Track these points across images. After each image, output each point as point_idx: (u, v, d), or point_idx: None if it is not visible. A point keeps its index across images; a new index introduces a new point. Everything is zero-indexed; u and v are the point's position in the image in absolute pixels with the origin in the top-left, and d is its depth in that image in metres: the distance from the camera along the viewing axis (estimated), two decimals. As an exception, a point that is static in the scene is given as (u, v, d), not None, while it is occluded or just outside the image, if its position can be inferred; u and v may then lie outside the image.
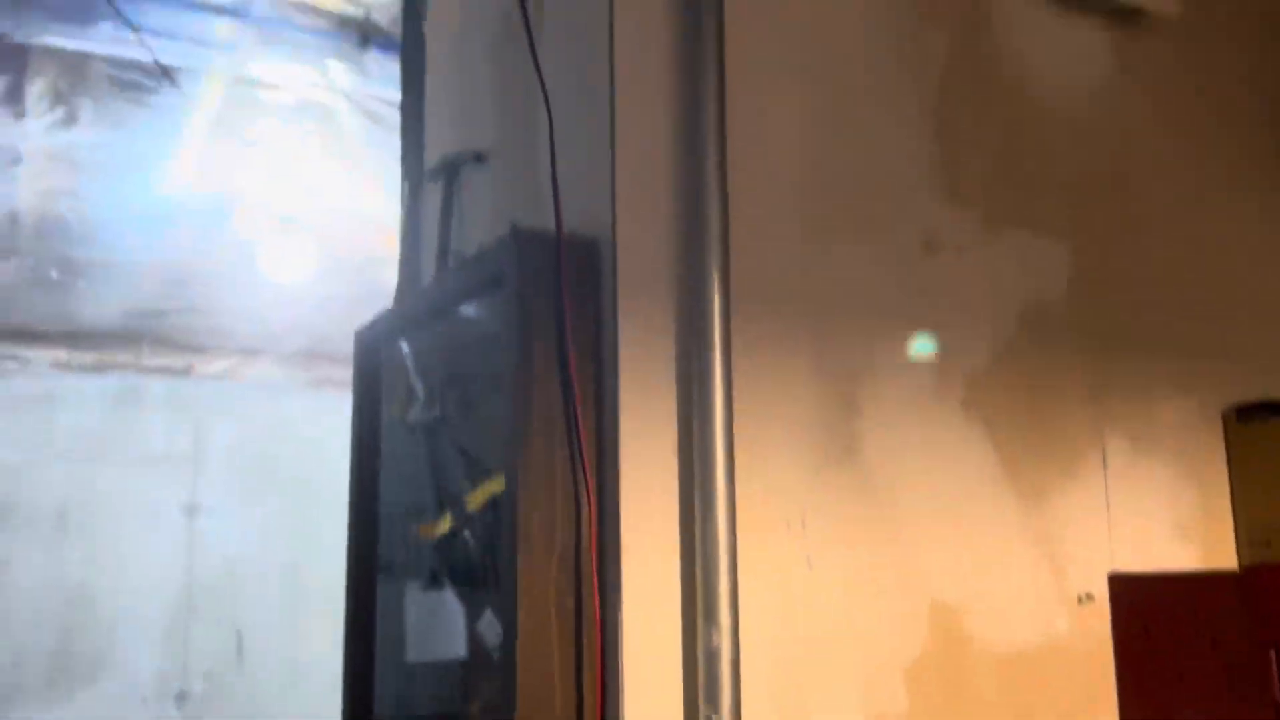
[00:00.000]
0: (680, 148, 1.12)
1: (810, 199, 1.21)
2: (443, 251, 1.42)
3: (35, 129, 2.89)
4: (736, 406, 1.07)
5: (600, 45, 1.13)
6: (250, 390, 5.01)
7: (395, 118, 2.95)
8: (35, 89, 2.68)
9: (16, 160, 3.14)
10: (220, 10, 2.42)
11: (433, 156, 1.55)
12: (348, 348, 1.45)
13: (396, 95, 2.78)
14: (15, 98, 2.68)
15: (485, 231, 1.36)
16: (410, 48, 1.65)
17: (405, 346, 1.35)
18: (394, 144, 3.16)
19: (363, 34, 2.56)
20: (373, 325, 1.43)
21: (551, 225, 1.10)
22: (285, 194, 3.69)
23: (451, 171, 1.44)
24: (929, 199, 1.29)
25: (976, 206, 1.33)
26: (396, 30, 2.46)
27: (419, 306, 1.30)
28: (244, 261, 4.06)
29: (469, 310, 1.20)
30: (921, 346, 1.24)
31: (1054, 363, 1.37)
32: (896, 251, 1.26)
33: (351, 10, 2.42)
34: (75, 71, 2.65)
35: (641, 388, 1.07)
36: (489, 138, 1.38)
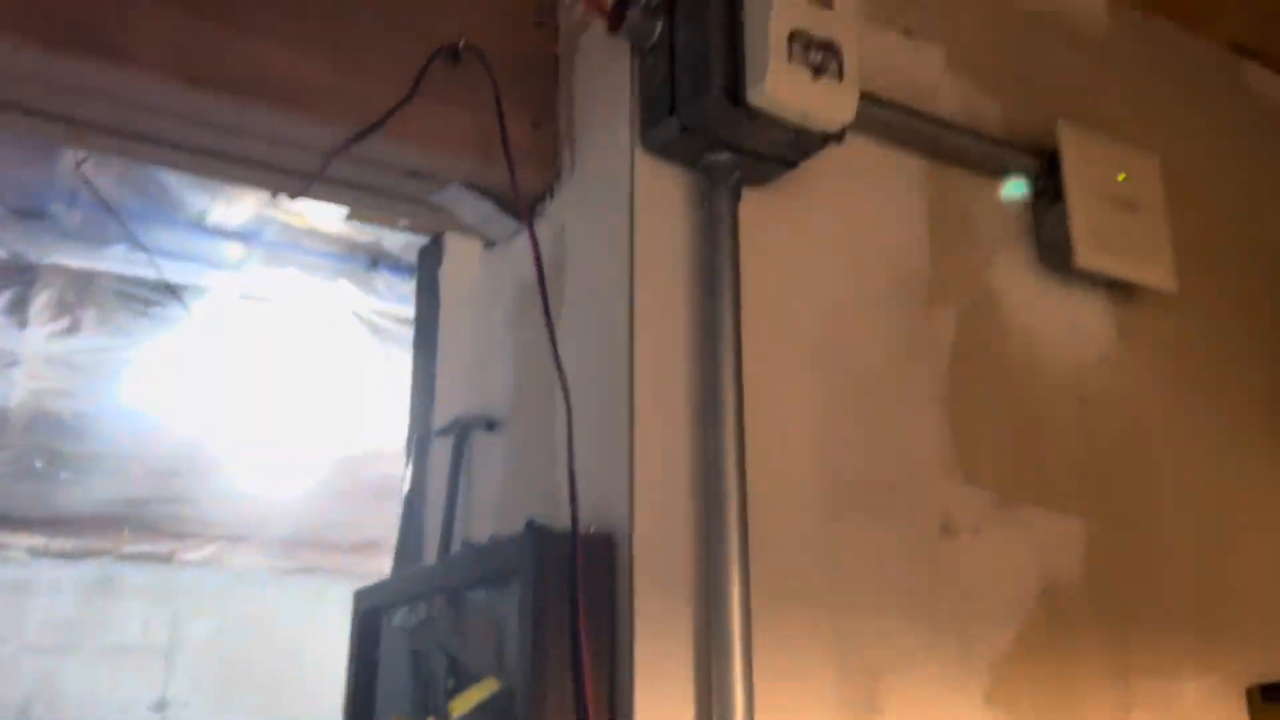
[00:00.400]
0: (698, 438, 1.11)
1: (828, 485, 1.20)
2: (449, 518, 1.39)
3: (36, 336, 2.91)
4: (758, 717, 1.02)
5: (620, 333, 1.13)
6: (232, 579, 4.90)
7: (400, 332, 3.01)
8: (40, 300, 2.72)
9: (14, 363, 3.14)
10: (230, 234, 2.47)
11: (443, 410, 1.55)
12: (334, 535, 1.48)
13: (403, 311, 2.85)
14: (19, 309, 2.71)
15: (495, 506, 1.34)
16: (425, 294, 1.66)
17: (406, 618, 1.31)
18: (395, 355, 3.19)
19: (372, 258, 2.61)
20: (373, 591, 1.38)
21: (566, 514, 1.08)
22: (284, 393, 3.70)
23: (462, 433, 1.43)
24: (944, 481, 1.28)
25: (990, 487, 1.32)
26: (408, 256, 2.54)
27: (423, 584, 1.26)
28: (235, 453, 4.04)
29: (478, 596, 1.17)
30: (943, 639, 1.21)
31: (1074, 644, 1.33)
32: (915, 535, 1.24)
33: (361, 237, 2.48)
34: (82, 286, 2.70)
35: (659, 696, 1.03)
36: (503, 405, 1.37)
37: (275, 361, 3.44)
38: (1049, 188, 1.47)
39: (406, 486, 1.55)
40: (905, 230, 1.37)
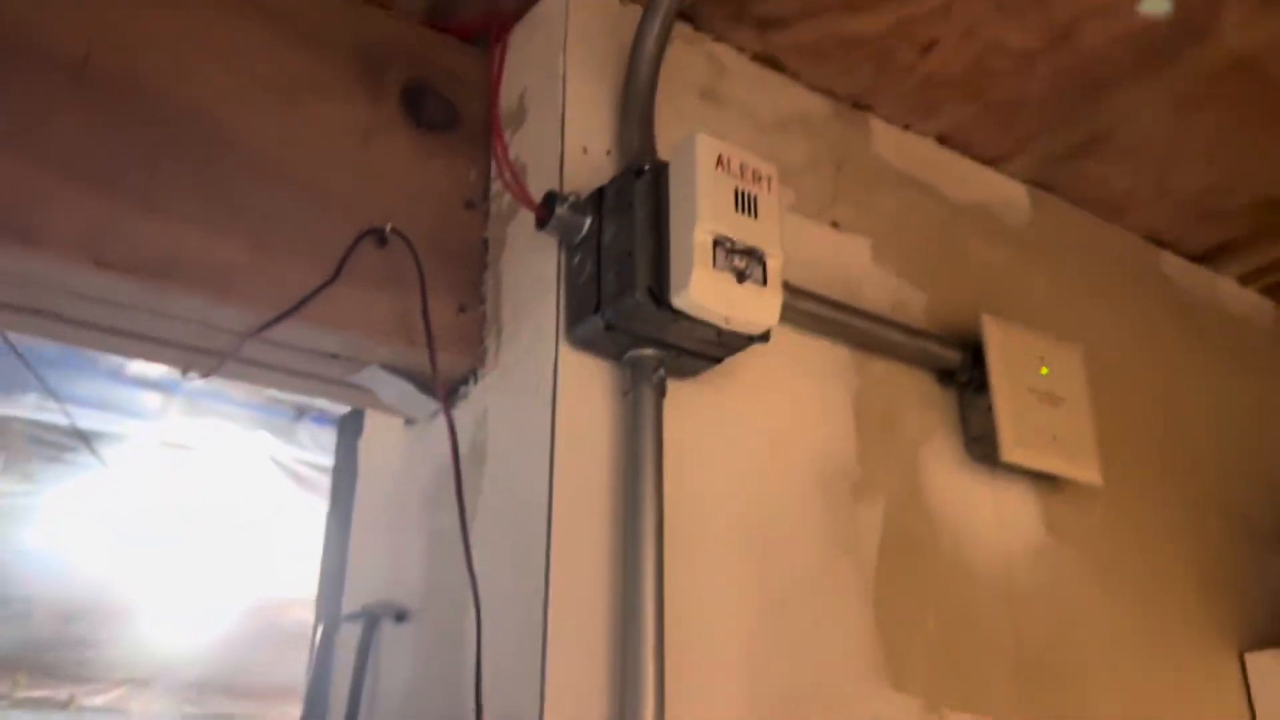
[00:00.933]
0: (616, 644, 1.06)
1: (753, 697, 1.14)
2: (351, 713, 1.31)
3: (-61, 481, 2.78)
4: None
5: (537, 528, 1.09)
6: (134, 728, 4.63)
7: (321, 481, 2.93)
8: (-54, 444, 2.60)
9: (-85, 505, 2.99)
10: (150, 384, 2.41)
11: (354, 592, 1.48)
12: (244, 681, 1.40)
13: (326, 461, 2.78)
14: (-77, 454, 2.59)
15: (402, 701, 1.27)
16: (343, 465, 1.61)
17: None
18: (316, 502, 3.10)
19: (297, 409, 2.56)
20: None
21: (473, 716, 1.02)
22: (200, 537, 3.60)
23: (370, 622, 1.36)
24: (872, 688, 1.24)
25: (918, 693, 1.27)
26: (334, 409, 2.48)
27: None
28: (145, 597, 3.89)
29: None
30: None
31: None
32: (840, 747, 1.19)
33: (284, 393, 2.43)
34: (-7, 430, 2.59)
35: None
36: (414, 594, 1.31)
37: (192, 506, 3.36)
38: (975, 379, 1.47)
39: (311, 673, 1.47)
40: (832, 422, 1.36)
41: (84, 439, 2.55)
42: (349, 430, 1.61)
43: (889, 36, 1.43)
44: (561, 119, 1.26)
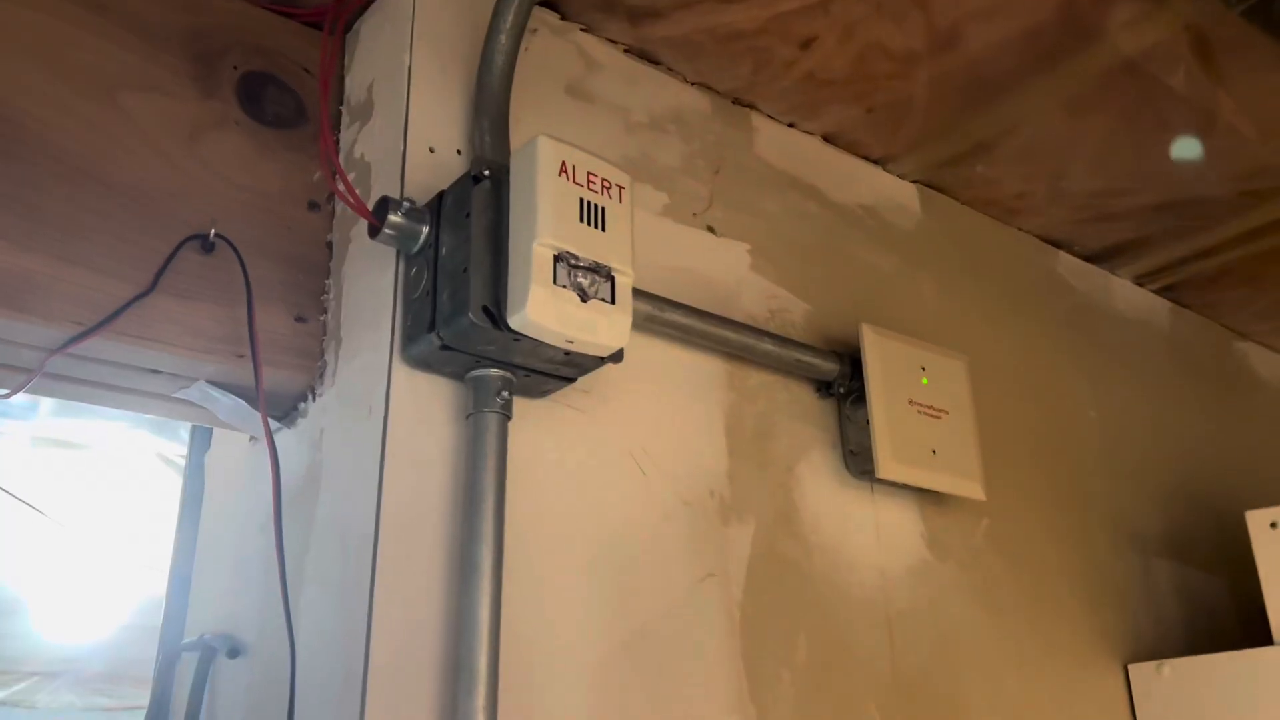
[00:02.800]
0: (445, 693, 0.98)
1: (599, 737, 1.07)
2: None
3: None
4: None
5: (362, 567, 1.01)
6: (42, 719, 4.50)
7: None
8: None
9: None
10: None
11: (196, 618, 1.38)
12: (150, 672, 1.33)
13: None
14: None
15: (231, 744, 1.18)
16: (191, 480, 1.51)
17: None
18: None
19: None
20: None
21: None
22: (91, 532, 3.48)
23: (207, 654, 1.27)
24: (733, 723, 1.18)
25: (786, 726, 1.22)
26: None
27: None
28: (39, 594, 3.78)
29: None
30: None
31: None
32: (697, 789, 1.13)
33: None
34: None
35: None
36: (250, 627, 1.22)
37: (78, 504, 3.24)
38: (854, 390, 1.42)
39: (149, 703, 1.37)
40: (701, 438, 1.29)
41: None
42: (198, 442, 1.50)
43: (766, 32, 1.35)
44: (405, 115, 1.17)
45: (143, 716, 1.36)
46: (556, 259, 0.98)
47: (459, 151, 1.19)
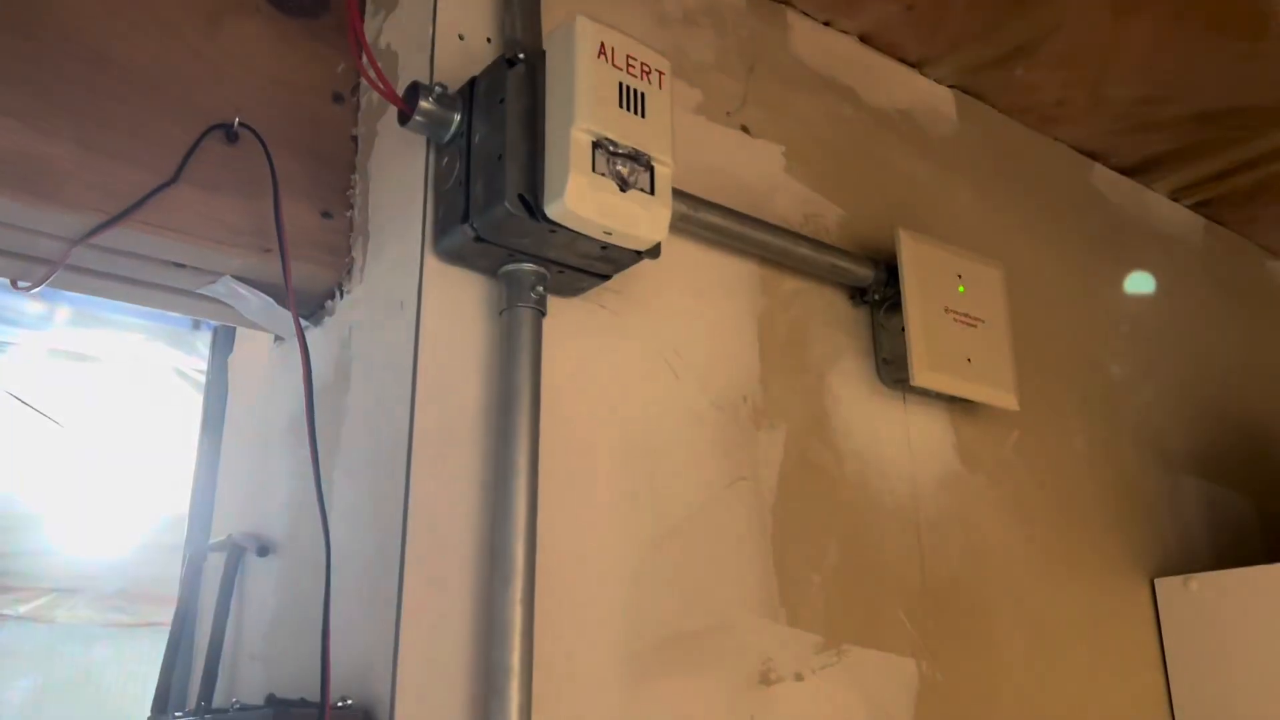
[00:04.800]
0: (482, 594, 0.97)
1: (636, 644, 1.07)
2: (214, 651, 1.22)
3: None
4: None
5: (397, 463, 0.99)
6: (58, 636, 4.57)
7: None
8: None
9: None
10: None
11: (222, 518, 1.38)
12: (168, 590, 1.33)
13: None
14: None
15: (267, 636, 1.18)
16: (214, 383, 1.49)
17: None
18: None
19: (194, 319, 2.40)
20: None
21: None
22: (106, 449, 3.49)
23: (234, 553, 1.26)
24: (766, 626, 1.17)
25: (817, 629, 1.21)
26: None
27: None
28: (56, 509, 3.81)
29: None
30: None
31: (902, 797, 1.23)
32: (733, 689, 1.12)
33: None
34: None
35: None
36: (278, 526, 1.21)
37: (95, 418, 3.23)
38: (888, 297, 1.39)
39: (178, 601, 1.37)
40: (734, 342, 1.27)
41: (-43, 347, 2.38)
42: (220, 346, 1.48)
43: (806, -79, 1.30)
44: (434, 1, 1.12)
45: (166, 626, 1.36)
46: (595, 145, 0.94)
47: (489, 40, 1.15)
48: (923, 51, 1.57)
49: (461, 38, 1.12)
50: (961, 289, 1.41)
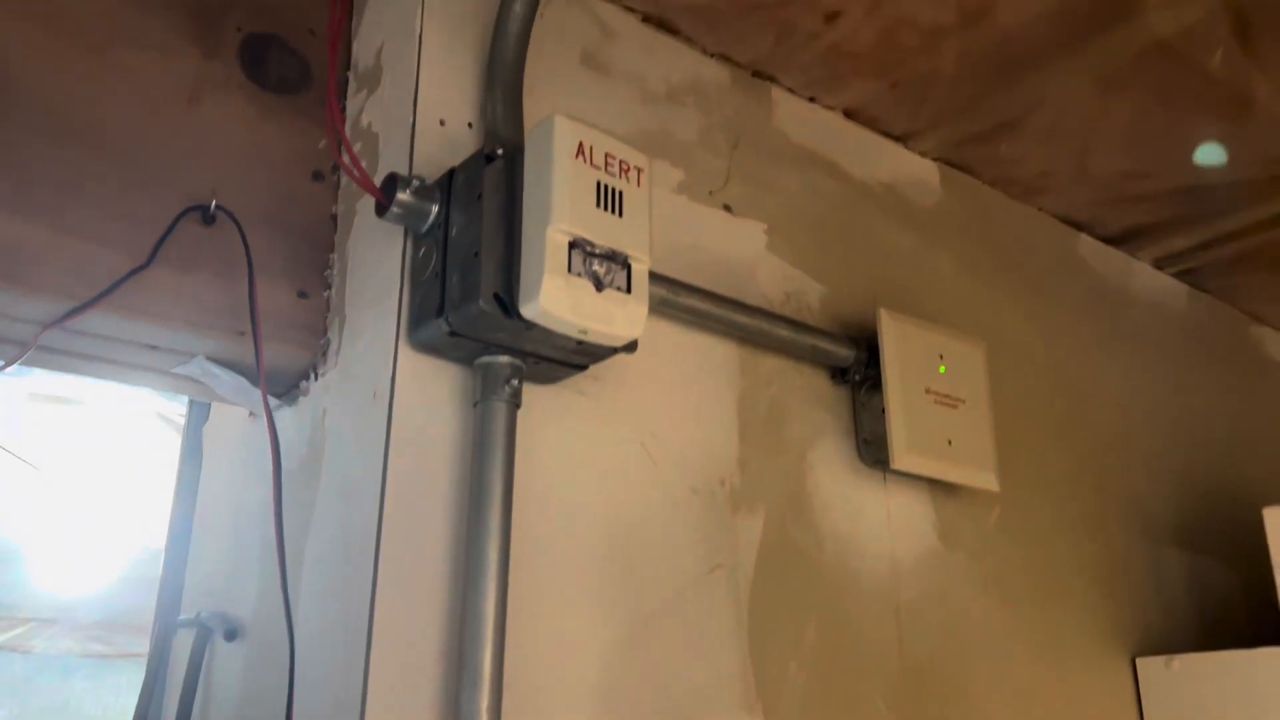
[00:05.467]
0: (449, 685, 0.96)
1: (603, 733, 1.05)
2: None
3: None
4: None
5: (365, 552, 0.98)
6: (36, 666, 4.53)
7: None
8: None
9: None
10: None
11: (193, 592, 1.36)
12: (146, 620, 1.32)
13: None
14: None
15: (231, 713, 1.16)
16: (189, 450, 1.47)
17: None
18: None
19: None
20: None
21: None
22: (89, 486, 3.48)
23: (203, 633, 1.24)
24: (739, 717, 1.16)
25: (791, 717, 1.20)
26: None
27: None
28: (37, 543, 3.81)
29: None
30: None
31: None
32: (701, 783, 1.11)
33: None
34: None
35: None
36: (247, 608, 1.19)
37: (76, 458, 3.23)
38: (869, 377, 1.38)
39: (144, 678, 1.35)
40: (713, 424, 1.26)
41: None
42: (196, 415, 1.47)
43: (790, 3, 1.30)
44: (415, 86, 1.12)
45: (139, 667, 1.35)
46: (571, 246, 0.94)
47: (470, 124, 1.14)
48: (907, 126, 1.57)
49: (442, 123, 1.12)
50: (943, 369, 1.40)
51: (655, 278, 1.14)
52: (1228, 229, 1.88)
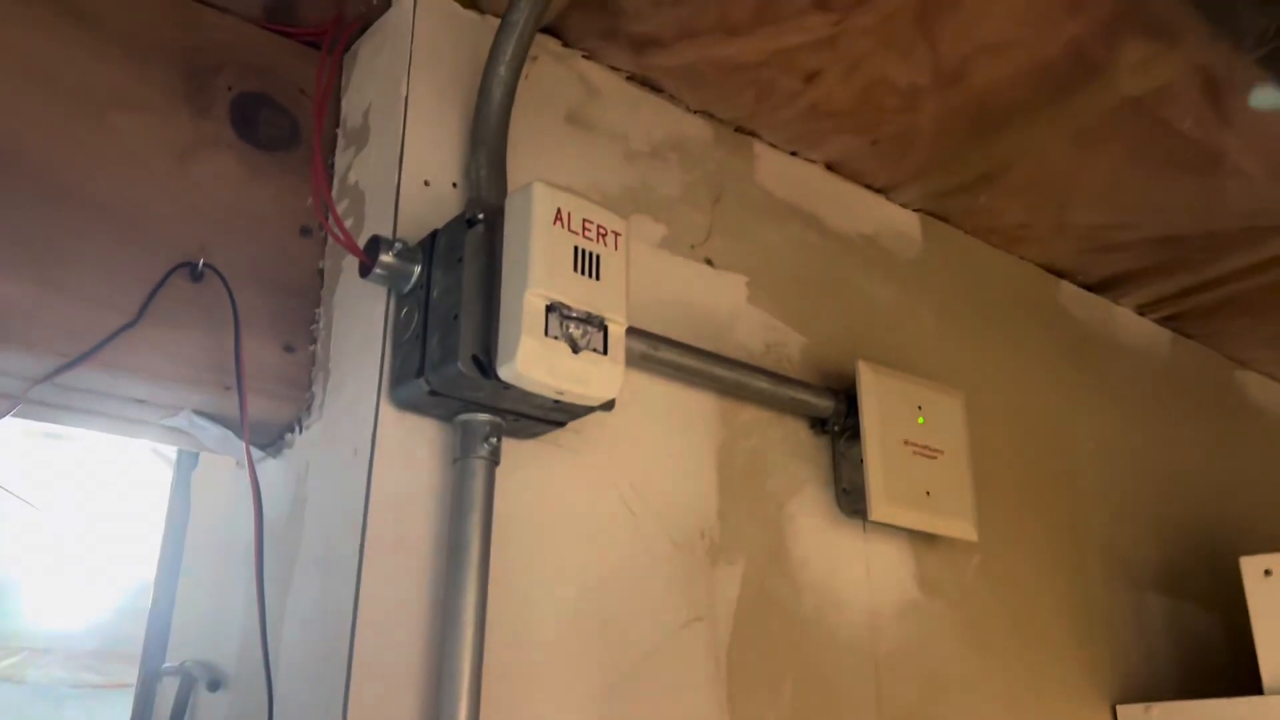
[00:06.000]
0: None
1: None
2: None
3: None
4: None
5: (343, 613, 0.99)
6: (29, 696, 4.52)
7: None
8: None
9: None
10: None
11: (178, 640, 1.37)
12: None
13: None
14: None
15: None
16: (177, 497, 1.49)
17: None
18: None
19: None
20: None
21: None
22: (84, 519, 3.50)
23: (187, 684, 1.26)
24: (716, 770, 1.17)
25: (768, 772, 1.21)
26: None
27: None
28: (30, 574, 3.82)
29: None
30: None
31: None
32: (677, 836, 1.12)
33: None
34: None
35: None
36: (230, 658, 1.21)
37: (71, 491, 3.25)
38: (848, 427, 1.40)
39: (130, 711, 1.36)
40: (692, 476, 1.28)
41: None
42: (184, 462, 1.49)
43: (770, 64, 1.33)
44: (401, 147, 1.15)
45: (130, 698, 1.36)
46: (549, 309, 0.96)
47: (454, 184, 1.17)
48: (888, 179, 1.60)
49: (427, 183, 1.15)
50: (921, 420, 1.42)
51: (635, 332, 1.16)
52: (1208, 276, 1.91)
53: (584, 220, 1.00)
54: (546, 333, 0.96)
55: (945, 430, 1.45)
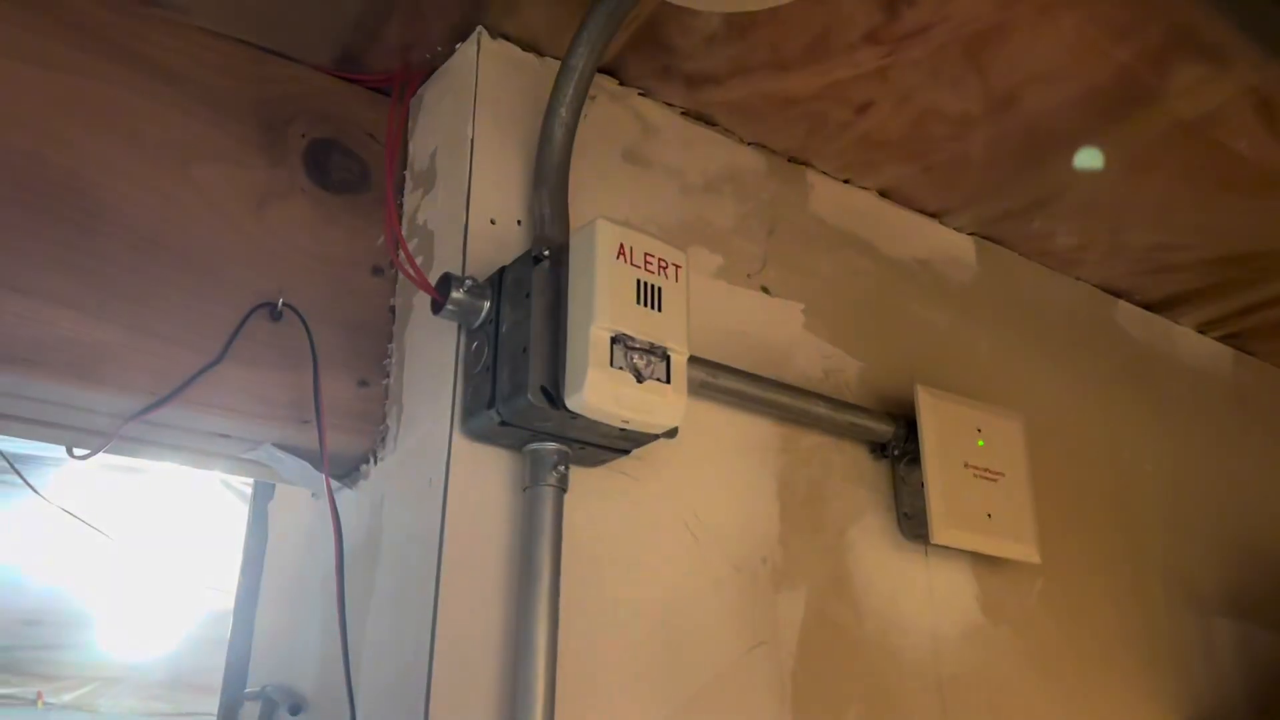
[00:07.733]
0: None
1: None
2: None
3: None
4: None
5: (421, 636, 1.03)
6: (100, 724, 4.62)
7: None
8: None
9: None
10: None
11: (259, 666, 1.42)
12: (211, 680, 1.37)
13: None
14: None
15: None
16: (254, 527, 1.55)
17: None
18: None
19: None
20: None
21: None
22: (156, 550, 3.61)
23: (268, 706, 1.30)
24: (783, 792, 1.18)
25: (836, 795, 1.22)
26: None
27: None
28: (103, 605, 3.93)
29: None
30: None
31: None
32: None
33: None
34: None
35: None
36: (310, 681, 1.25)
37: (144, 523, 3.35)
38: (908, 452, 1.42)
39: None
40: (754, 502, 1.30)
41: (10, 465, 2.48)
42: (261, 492, 1.54)
43: (822, 98, 1.36)
44: (468, 188, 1.19)
45: (207, 717, 1.41)
46: (613, 341, 0.99)
47: (519, 222, 1.21)
48: (941, 204, 1.62)
49: (493, 222, 1.19)
50: (981, 443, 1.43)
51: (695, 361, 1.19)
52: (1268, 295, 1.90)
53: (645, 254, 1.03)
54: (612, 363, 0.99)
55: (1005, 453, 1.45)
